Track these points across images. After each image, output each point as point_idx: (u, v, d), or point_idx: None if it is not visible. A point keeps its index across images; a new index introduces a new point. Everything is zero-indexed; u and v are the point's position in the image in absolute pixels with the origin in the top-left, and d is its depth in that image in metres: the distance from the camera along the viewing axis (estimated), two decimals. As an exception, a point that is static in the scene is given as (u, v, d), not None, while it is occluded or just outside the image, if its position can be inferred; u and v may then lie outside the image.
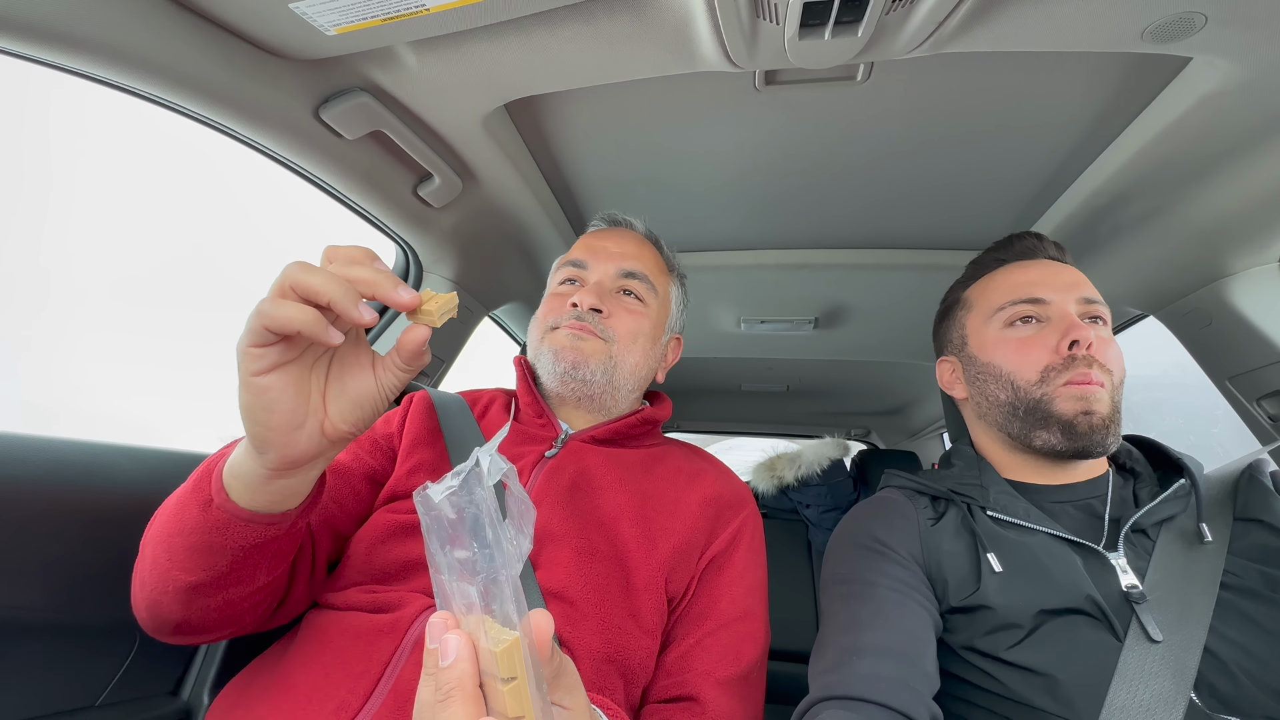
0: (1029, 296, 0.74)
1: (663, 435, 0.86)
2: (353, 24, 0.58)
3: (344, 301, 0.38)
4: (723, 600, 0.67)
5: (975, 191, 0.98)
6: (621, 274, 0.80)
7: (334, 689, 0.50)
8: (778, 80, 0.76)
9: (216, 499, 0.46)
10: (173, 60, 0.59)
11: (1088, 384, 0.68)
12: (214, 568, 0.48)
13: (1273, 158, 0.73)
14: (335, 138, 0.76)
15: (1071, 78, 0.73)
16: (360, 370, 0.45)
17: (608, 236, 0.84)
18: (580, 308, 0.76)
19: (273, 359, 0.41)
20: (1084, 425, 0.67)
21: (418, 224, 0.98)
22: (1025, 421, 0.72)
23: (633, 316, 0.79)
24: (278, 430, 0.42)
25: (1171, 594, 0.59)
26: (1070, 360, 0.69)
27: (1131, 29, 0.58)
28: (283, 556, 0.53)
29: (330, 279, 0.38)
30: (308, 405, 0.43)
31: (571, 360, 0.74)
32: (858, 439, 3.00)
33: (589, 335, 0.75)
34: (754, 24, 0.59)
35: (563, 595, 0.60)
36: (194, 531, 0.47)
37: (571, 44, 0.64)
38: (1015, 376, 0.73)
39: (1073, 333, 0.69)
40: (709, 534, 0.71)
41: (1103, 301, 0.73)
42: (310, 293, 0.38)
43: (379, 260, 0.42)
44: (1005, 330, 0.75)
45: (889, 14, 0.57)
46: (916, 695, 0.55)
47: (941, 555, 0.69)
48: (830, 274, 1.26)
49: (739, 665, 0.62)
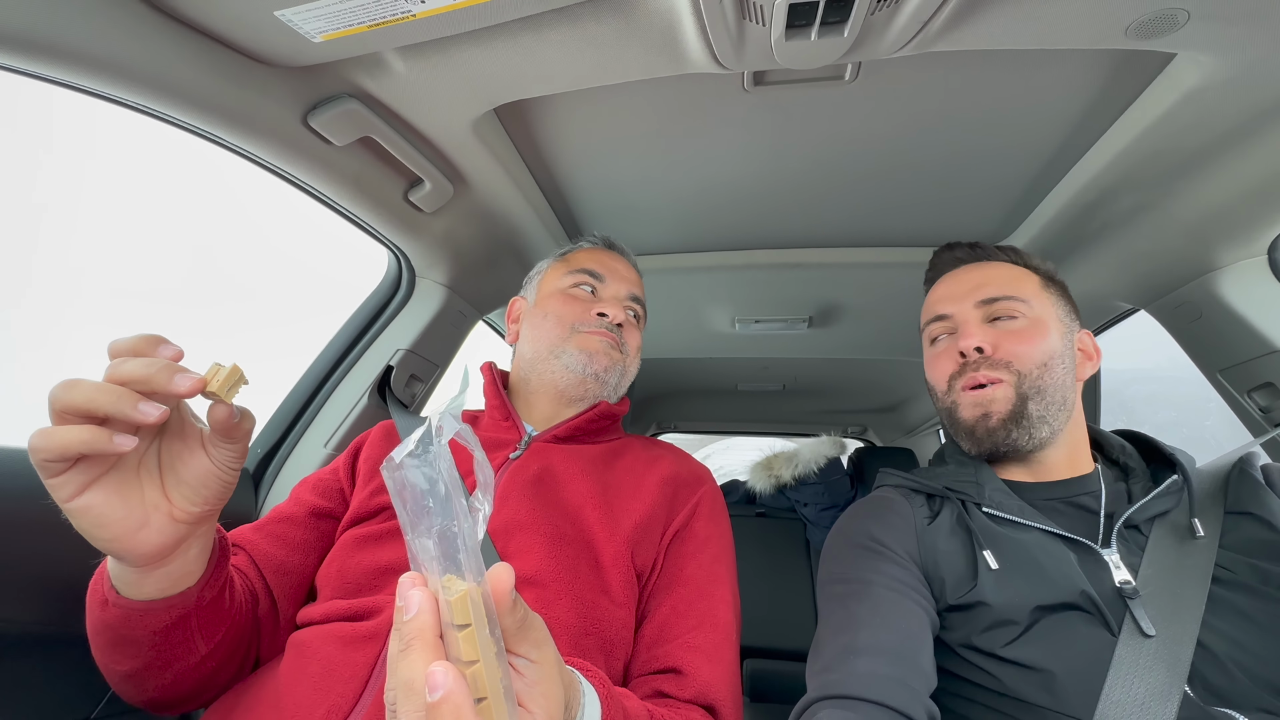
0: (936, 314, 0.80)
1: (623, 430, 0.91)
2: (339, 30, 0.58)
3: (119, 408, 0.37)
4: (689, 567, 0.70)
5: (965, 189, 0.98)
6: (630, 297, 0.90)
7: (322, 696, 0.51)
8: (766, 81, 0.76)
9: (109, 597, 0.46)
10: (158, 69, 0.59)
11: (977, 387, 0.73)
12: (140, 656, 0.49)
13: (1258, 151, 0.74)
14: (324, 144, 0.76)
15: (1058, 75, 0.73)
16: (190, 452, 0.44)
17: (614, 257, 0.93)
18: (612, 319, 0.84)
19: (79, 480, 0.39)
20: (982, 429, 0.72)
21: (409, 229, 0.98)
22: (951, 429, 0.78)
23: (637, 334, 0.90)
24: (120, 539, 0.42)
25: (1164, 589, 0.60)
26: (963, 367, 0.74)
27: (1115, 26, 0.58)
28: (214, 625, 0.52)
29: (98, 390, 0.37)
30: (144, 504, 0.42)
31: (604, 364, 0.82)
32: (854, 437, 3.01)
33: (616, 346, 0.84)
34: (740, 25, 0.59)
35: (535, 579, 0.62)
36: (105, 629, 0.48)
37: (559, 48, 0.65)
38: (935, 389, 0.80)
39: (961, 342, 0.74)
40: (669, 510, 0.74)
41: (1011, 295, 0.75)
42: (82, 410, 0.37)
43: (165, 344, 0.40)
44: (930, 348, 0.82)
45: (874, 14, 0.57)
46: (914, 694, 0.56)
47: (938, 553, 0.69)
48: (823, 273, 1.26)
49: (715, 631, 0.64)
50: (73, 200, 6.38)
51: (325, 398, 1.07)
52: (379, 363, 1.09)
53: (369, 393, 1.07)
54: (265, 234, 7.09)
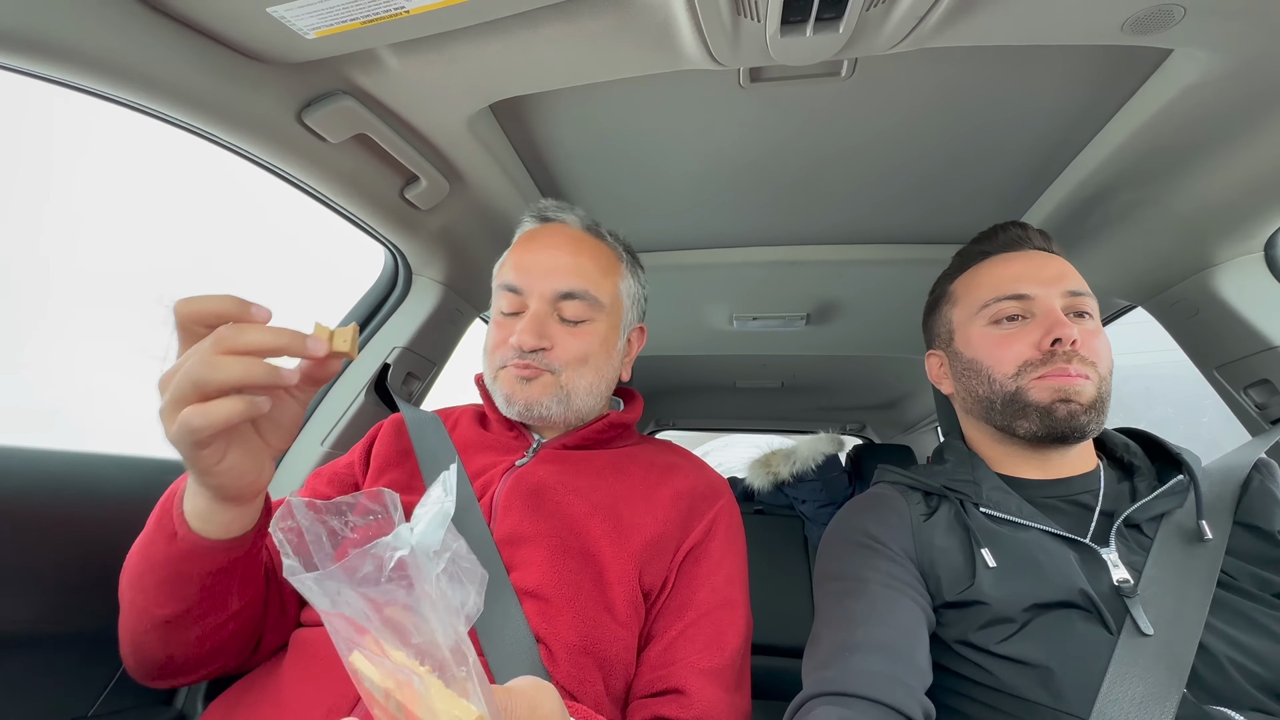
0: (1013, 293, 0.73)
1: (637, 434, 0.86)
2: (332, 27, 0.58)
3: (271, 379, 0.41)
4: (702, 590, 0.67)
5: (963, 185, 0.98)
6: (559, 296, 0.74)
7: (323, 695, 0.51)
8: (763, 77, 0.76)
9: (180, 531, 0.49)
10: (151, 66, 0.58)
11: (1065, 377, 0.68)
12: (186, 597, 0.50)
13: (1255, 147, 0.74)
14: (319, 141, 0.76)
15: (1055, 71, 0.73)
16: (282, 398, 0.48)
17: (539, 245, 0.77)
18: (521, 348, 0.72)
19: (222, 445, 0.44)
20: (1063, 411, 0.67)
21: (405, 227, 0.98)
22: (1004, 413, 0.72)
23: (578, 339, 0.75)
24: (251, 486, 0.47)
25: (1169, 590, 0.59)
26: (1049, 355, 0.69)
27: (1112, 21, 0.58)
28: (250, 580, 0.55)
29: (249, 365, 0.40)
30: (262, 450, 0.47)
31: (524, 402, 0.73)
32: (853, 434, 3.02)
33: (536, 373, 0.73)
34: (735, 21, 0.59)
35: (537, 593, 0.61)
36: (163, 564, 0.49)
37: (554, 44, 0.64)
38: (993, 370, 0.73)
39: (1056, 330, 0.68)
40: (683, 527, 0.70)
41: (1090, 293, 0.73)
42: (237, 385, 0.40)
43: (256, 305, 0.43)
44: (990, 327, 0.75)
45: (870, 10, 0.57)
46: (909, 691, 0.56)
47: (934, 551, 0.69)
48: (821, 270, 1.26)
49: (723, 654, 0.63)
50: (65, 198, 6.35)
51: (322, 396, 1.07)
52: (375, 361, 1.09)
53: (366, 391, 1.06)
54: (260, 229, 7.05)
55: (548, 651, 0.58)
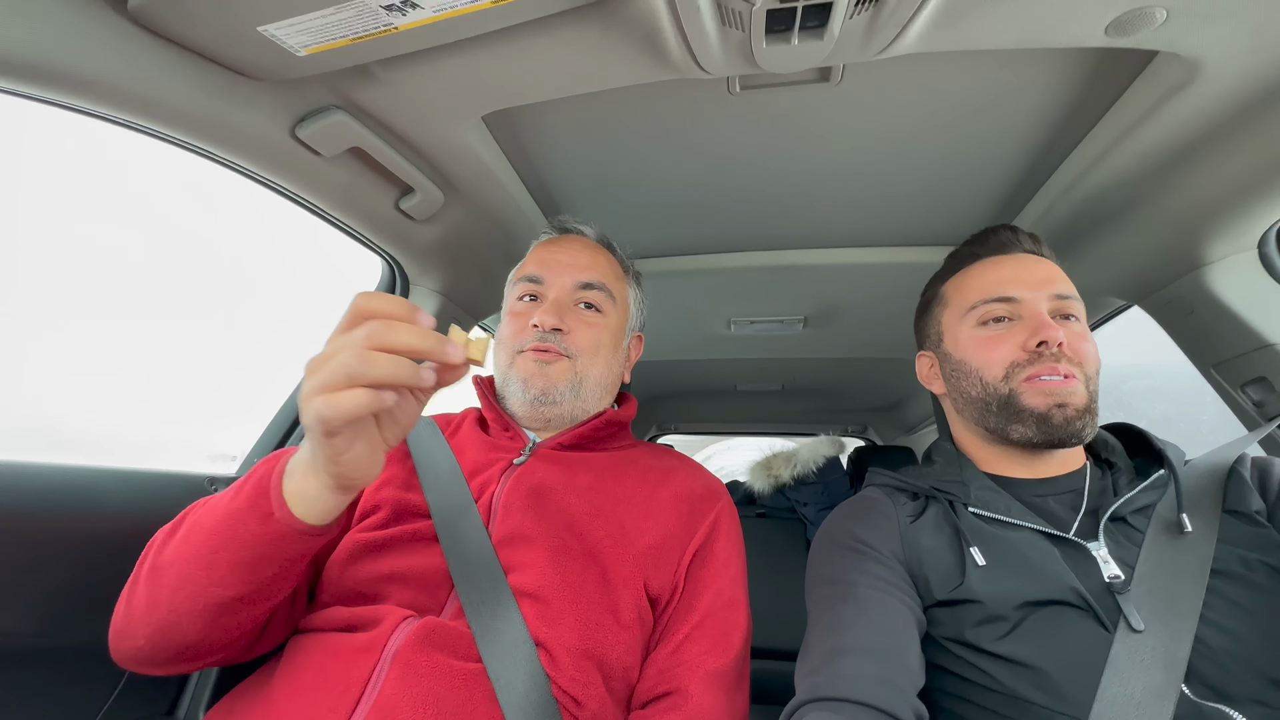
0: (1001, 295, 0.74)
1: (632, 438, 0.87)
2: (322, 44, 0.59)
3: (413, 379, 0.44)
4: (709, 591, 0.68)
5: (955, 188, 0.98)
6: (579, 286, 0.80)
7: (316, 710, 0.51)
8: (753, 84, 0.76)
9: (278, 513, 0.49)
10: (144, 87, 0.59)
11: (1054, 376, 0.68)
12: (257, 580, 0.51)
13: (1244, 146, 0.74)
14: (313, 156, 0.77)
15: (1043, 73, 0.73)
16: (406, 399, 0.49)
17: (560, 247, 0.85)
18: (542, 328, 0.76)
19: (350, 436, 0.45)
20: (1059, 418, 0.68)
21: (402, 238, 0.99)
22: (999, 416, 0.73)
23: (593, 329, 0.80)
24: (369, 476, 0.49)
25: (1160, 585, 0.59)
26: (1036, 356, 0.70)
27: (1095, 25, 0.58)
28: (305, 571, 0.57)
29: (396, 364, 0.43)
30: (381, 443, 0.49)
31: (541, 387, 0.75)
32: (854, 436, 3.01)
33: (555, 357, 0.76)
34: (721, 31, 0.59)
35: (538, 595, 0.60)
36: (248, 545, 0.50)
37: (542, 57, 0.65)
38: (983, 372, 0.74)
39: (1041, 332, 0.69)
40: (686, 529, 0.71)
41: (1077, 296, 0.74)
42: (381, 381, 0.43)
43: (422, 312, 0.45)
44: (978, 328, 0.76)
45: (853, 18, 0.57)
46: (900, 693, 0.56)
47: (922, 551, 0.69)
48: (817, 274, 1.26)
49: (728, 654, 0.63)
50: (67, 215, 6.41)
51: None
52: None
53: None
54: (258, 239, 7.11)
55: (548, 655, 0.58)
